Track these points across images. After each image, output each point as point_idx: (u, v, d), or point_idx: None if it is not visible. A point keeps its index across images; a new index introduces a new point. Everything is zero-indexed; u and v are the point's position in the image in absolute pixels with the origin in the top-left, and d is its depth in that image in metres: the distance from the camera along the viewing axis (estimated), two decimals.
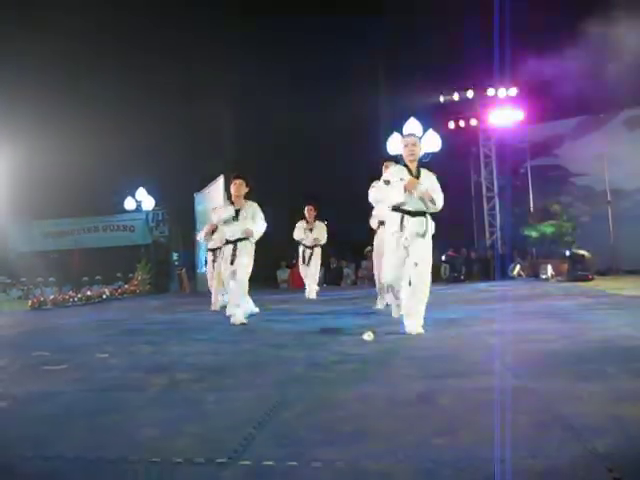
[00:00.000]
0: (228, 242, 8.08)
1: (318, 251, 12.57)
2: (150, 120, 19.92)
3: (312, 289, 12.34)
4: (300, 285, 14.22)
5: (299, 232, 12.47)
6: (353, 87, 18.77)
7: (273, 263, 19.69)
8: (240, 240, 7.98)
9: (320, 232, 12.51)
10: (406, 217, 6.04)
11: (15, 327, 8.99)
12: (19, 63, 18.15)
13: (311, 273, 12.47)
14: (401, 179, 6.06)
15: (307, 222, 12.52)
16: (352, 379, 3.97)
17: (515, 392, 3.40)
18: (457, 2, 15.37)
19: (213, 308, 10.26)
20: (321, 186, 16.81)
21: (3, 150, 15.14)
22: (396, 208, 6.11)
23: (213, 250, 10.79)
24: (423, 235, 6.03)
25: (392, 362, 4.53)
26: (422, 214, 6.09)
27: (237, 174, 8.30)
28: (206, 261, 11.46)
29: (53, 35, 18.73)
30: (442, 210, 6.24)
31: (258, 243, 8.32)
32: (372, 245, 9.22)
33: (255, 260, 8.11)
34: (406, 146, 6.25)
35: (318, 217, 12.70)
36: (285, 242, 12.64)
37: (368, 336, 5.56)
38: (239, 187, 8.17)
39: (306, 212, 12.53)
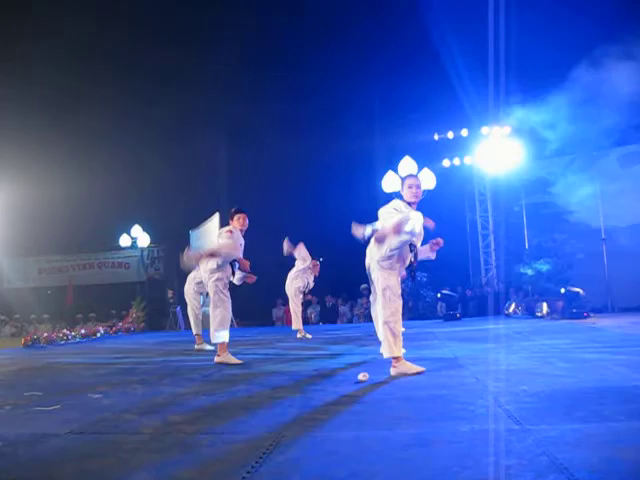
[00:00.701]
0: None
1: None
2: (145, 158, 20.05)
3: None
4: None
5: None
6: (347, 125, 18.94)
7: (268, 300, 19.64)
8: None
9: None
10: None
11: (8, 365, 8.90)
12: (16, 101, 18.25)
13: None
14: None
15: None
16: (347, 421, 3.94)
17: (511, 435, 3.38)
18: (452, 42, 15.57)
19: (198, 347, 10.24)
20: (315, 224, 16.87)
21: None
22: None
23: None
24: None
25: (387, 403, 4.50)
26: None
27: (240, 208, 8.20)
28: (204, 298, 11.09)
29: (49, 71, 18.92)
30: (438, 249, 6.28)
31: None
32: (367, 283, 9.20)
33: (251, 297, 8.09)
34: (410, 187, 6.14)
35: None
36: (281, 279, 12.57)
37: (363, 376, 5.53)
38: (244, 220, 8.16)
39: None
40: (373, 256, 6.10)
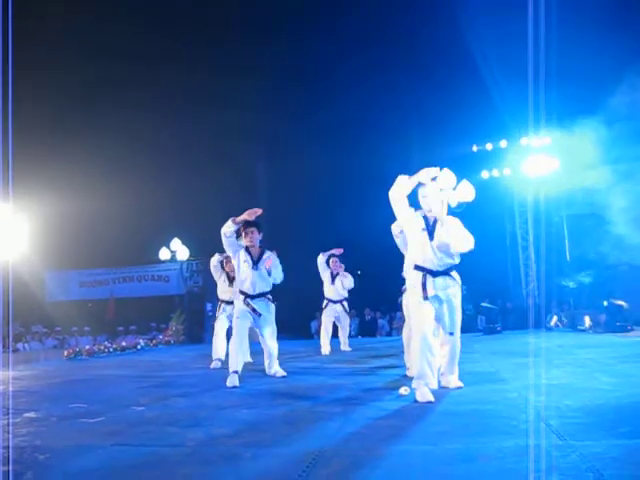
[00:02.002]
0: (245, 295, 7.53)
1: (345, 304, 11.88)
2: (184, 171, 20.25)
3: (344, 342, 11.88)
4: None
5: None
6: (385, 136, 18.93)
7: (306, 313, 19.62)
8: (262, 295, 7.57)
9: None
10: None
11: (51, 378, 9.04)
12: (58, 116, 18.61)
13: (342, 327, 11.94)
14: (422, 229, 5.82)
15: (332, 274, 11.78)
16: (390, 435, 3.92)
17: (555, 450, 3.34)
18: (491, 51, 15.49)
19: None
20: (354, 236, 16.84)
21: (40, 198, 15.43)
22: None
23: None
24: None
25: (429, 418, 4.47)
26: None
27: (247, 222, 7.43)
28: None
29: (95, 90, 19.27)
30: (477, 261, 6.18)
31: (291, 293, 8.25)
32: None
33: (289, 310, 7.98)
34: (425, 197, 5.89)
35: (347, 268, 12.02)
36: (318, 292, 12.47)
37: (405, 390, 5.49)
38: (252, 236, 7.48)
39: (330, 263, 11.68)
40: None
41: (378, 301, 18.96)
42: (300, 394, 6.05)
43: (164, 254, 20.58)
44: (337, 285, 11.52)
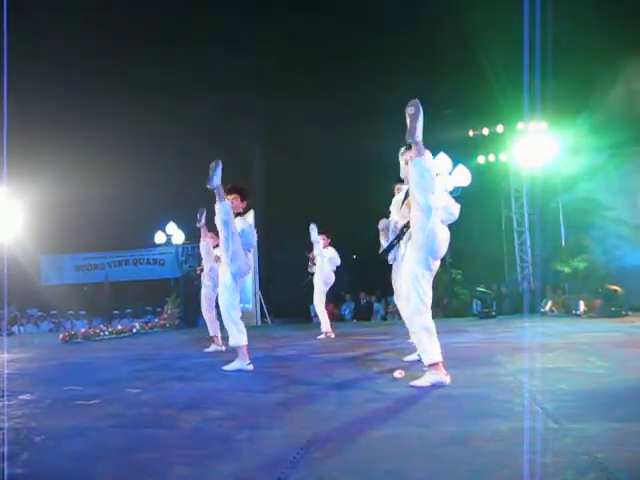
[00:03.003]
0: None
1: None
2: (181, 154, 20.18)
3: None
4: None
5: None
6: (380, 122, 18.86)
7: (307, 295, 19.64)
8: None
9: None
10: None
11: (47, 360, 9.05)
12: (52, 97, 18.51)
13: None
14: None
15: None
16: (384, 418, 3.94)
17: (550, 434, 3.35)
18: (487, 35, 15.41)
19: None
20: (350, 221, 16.83)
21: (35, 182, 15.38)
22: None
23: None
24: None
25: (424, 401, 4.48)
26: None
27: (229, 187, 7.16)
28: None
29: (88, 68, 19.16)
30: (473, 246, 6.16)
31: (289, 276, 8.23)
32: None
33: (288, 292, 7.83)
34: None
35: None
36: None
37: (399, 374, 5.51)
38: (233, 202, 7.08)
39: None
40: None
41: (373, 285, 18.98)
42: (296, 377, 6.06)
43: (160, 238, 20.54)
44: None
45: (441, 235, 5.14)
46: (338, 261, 11.40)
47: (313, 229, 11.20)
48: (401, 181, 6.09)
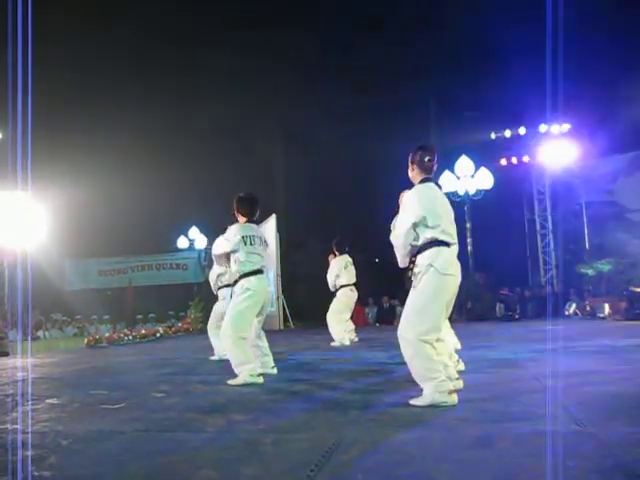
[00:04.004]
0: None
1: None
2: (202, 159, 20.30)
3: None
4: (361, 323, 13.77)
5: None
6: (403, 124, 18.85)
7: (325, 301, 19.62)
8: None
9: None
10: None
11: (73, 365, 9.13)
12: (78, 103, 18.70)
13: None
14: None
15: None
16: (408, 421, 3.93)
17: (575, 437, 3.34)
18: (509, 38, 15.36)
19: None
20: (371, 223, 16.82)
21: (60, 189, 15.52)
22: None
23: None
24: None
25: (447, 405, 4.47)
26: None
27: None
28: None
29: (114, 77, 19.34)
30: (496, 249, 6.14)
31: (310, 280, 8.20)
32: None
33: (310, 297, 7.74)
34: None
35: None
36: None
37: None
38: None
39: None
40: None
41: (395, 289, 18.94)
42: (319, 382, 6.07)
43: (182, 242, 20.70)
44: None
45: None
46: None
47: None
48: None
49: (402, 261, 4.81)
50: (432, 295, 4.50)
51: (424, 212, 4.54)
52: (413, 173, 4.91)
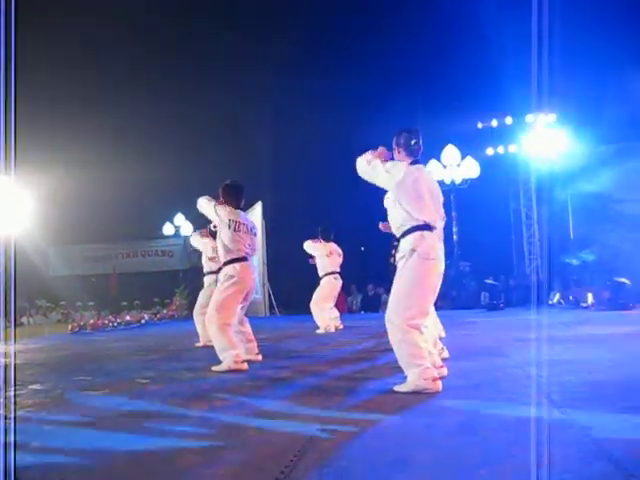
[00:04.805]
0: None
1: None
2: (188, 145, 20.20)
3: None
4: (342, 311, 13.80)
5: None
6: (389, 113, 18.81)
7: (309, 288, 19.62)
8: None
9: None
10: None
11: (56, 351, 9.10)
12: (63, 87, 18.53)
13: None
14: None
15: None
16: (392, 408, 3.95)
17: (557, 424, 3.36)
18: (495, 27, 15.35)
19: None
20: (356, 213, 16.83)
21: (44, 174, 15.41)
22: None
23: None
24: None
25: (431, 391, 4.48)
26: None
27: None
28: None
29: (98, 61, 19.19)
30: (481, 238, 6.14)
31: (295, 267, 8.20)
32: None
33: (294, 285, 7.75)
34: None
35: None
36: None
37: None
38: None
39: None
40: None
41: (381, 277, 18.97)
42: (304, 368, 6.08)
43: (168, 229, 20.63)
44: None
45: None
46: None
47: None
48: None
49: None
50: (417, 280, 4.53)
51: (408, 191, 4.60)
52: (400, 156, 4.89)
